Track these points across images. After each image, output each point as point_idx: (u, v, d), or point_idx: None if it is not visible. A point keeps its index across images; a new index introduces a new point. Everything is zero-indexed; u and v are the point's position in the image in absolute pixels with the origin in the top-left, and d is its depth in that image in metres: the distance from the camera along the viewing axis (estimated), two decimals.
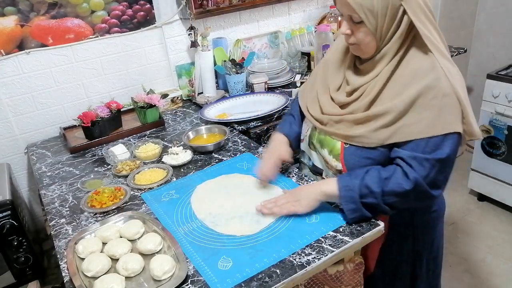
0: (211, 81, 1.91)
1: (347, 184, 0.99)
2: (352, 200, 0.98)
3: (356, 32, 0.96)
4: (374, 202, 0.98)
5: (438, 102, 0.92)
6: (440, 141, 0.93)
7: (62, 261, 1.00)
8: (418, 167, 0.94)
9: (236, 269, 0.92)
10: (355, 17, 0.94)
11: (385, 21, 0.93)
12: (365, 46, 0.98)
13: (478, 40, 2.75)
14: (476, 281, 1.99)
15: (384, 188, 0.96)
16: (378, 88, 0.98)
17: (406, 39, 0.96)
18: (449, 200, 2.57)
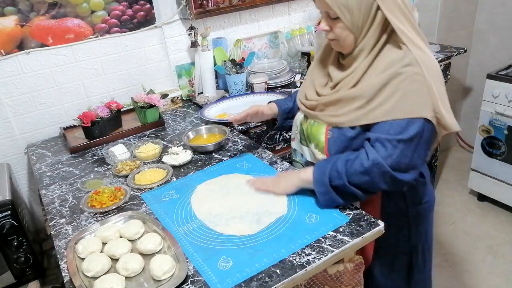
0: (211, 81, 1.91)
1: (320, 168, 1.05)
2: (323, 183, 1.04)
3: (334, 28, 1.02)
4: (341, 183, 1.02)
5: (405, 86, 0.96)
6: (405, 124, 0.96)
7: (62, 261, 1.00)
8: (379, 148, 0.98)
9: (236, 269, 0.92)
10: (332, 13, 0.99)
11: (360, 16, 0.97)
12: (343, 41, 1.02)
13: (478, 40, 2.75)
14: (476, 281, 1.99)
15: (349, 169, 1.01)
16: (356, 79, 1.03)
17: (382, 34, 1.00)
18: (449, 200, 2.58)
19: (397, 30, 0.96)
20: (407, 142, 0.96)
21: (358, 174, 1.00)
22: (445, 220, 2.42)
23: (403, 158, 0.97)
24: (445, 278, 2.03)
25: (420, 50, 0.99)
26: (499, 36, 2.63)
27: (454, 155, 3.06)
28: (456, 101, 2.93)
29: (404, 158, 0.97)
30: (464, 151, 3.06)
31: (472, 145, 2.61)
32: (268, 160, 1.36)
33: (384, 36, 1.00)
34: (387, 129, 0.97)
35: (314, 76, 1.19)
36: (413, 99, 0.96)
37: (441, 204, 2.56)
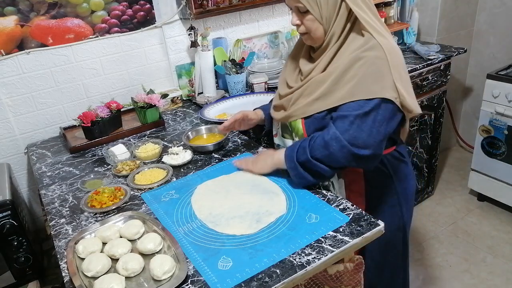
0: (211, 81, 1.91)
1: (290, 147, 1.14)
2: (291, 159, 1.11)
3: (304, 21, 1.08)
4: (305, 159, 1.08)
5: (365, 69, 1.02)
6: (364, 103, 1.02)
7: (62, 261, 1.00)
8: (338, 123, 1.05)
9: (236, 269, 0.92)
10: (301, 7, 1.06)
11: (328, 7, 1.05)
12: (314, 33, 1.09)
13: (478, 40, 2.75)
14: (476, 281, 2.00)
15: (311, 143, 1.08)
16: (323, 66, 1.10)
17: (347, 24, 1.07)
18: (449, 200, 2.58)
19: (360, 19, 1.03)
20: (362, 117, 1.02)
21: (319, 148, 1.06)
22: (445, 220, 2.42)
23: (359, 133, 1.02)
24: (445, 279, 2.03)
25: (383, 37, 1.04)
26: (499, 36, 2.63)
27: (454, 155, 3.06)
28: (456, 101, 2.93)
29: (360, 132, 1.02)
30: (464, 151, 3.06)
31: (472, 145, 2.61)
32: None
33: (348, 25, 1.06)
34: (347, 107, 1.04)
35: (286, 73, 1.25)
36: (373, 80, 1.02)
37: (441, 204, 2.56)
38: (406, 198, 1.25)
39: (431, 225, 2.39)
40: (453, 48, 2.30)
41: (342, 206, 1.09)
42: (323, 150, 1.06)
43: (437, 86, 2.25)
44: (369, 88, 1.02)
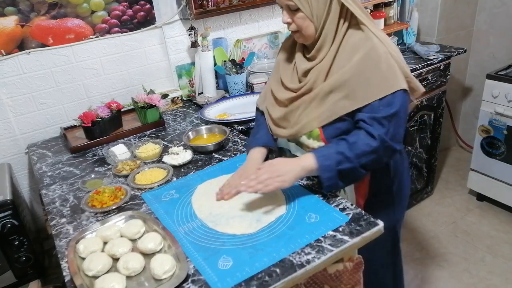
0: (211, 81, 1.92)
1: (323, 155, 1.07)
2: (329, 168, 1.06)
3: (295, 19, 1.09)
4: (350, 166, 1.05)
5: (379, 66, 1.03)
6: (390, 99, 1.04)
7: (63, 261, 1.01)
8: (378, 126, 1.04)
9: (236, 269, 0.92)
10: (291, 5, 1.07)
11: (318, 5, 1.05)
12: (305, 31, 1.09)
13: (478, 40, 2.75)
14: (475, 280, 2.00)
15: (355, 151, 1.05)
16: (327, 66, 1.09)
17: (340, 21, 1.07)
18: (448, 200, 2.58)
19: (356, 14, 1.04)
20: (396, 114, 1.04)
21: (367, 155, 1.05)
22: (444, 220, 2.42)
23: (397, 130, 1.06)
24: (445, 278, 2.03)
25: (379, 30, 1.07)
26: (499, 36, 2.63)
27: (453, 155, 3.07)
28: (456, 101, 2.93)
29: (398, 129, 1.06)
30: (464, 151, 3.06)
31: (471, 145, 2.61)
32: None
33: (346, 23, 1.07)
34: (377, 107, 1.04)
35: (280, 73, 1.22)
36: (390, 75, 1.04)
37: (441, 204, 2.57)
38: (400, 196, 1.26)
39: (431, 225, 2.39)
40: (452, 48, 2.30)
41: (342, 206, 1.09)
42: (370, 155, 1.05)
43: (436, 86, 2.26)
44: (390, 83, 1.03)
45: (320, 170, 1.06)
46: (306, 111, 1.13)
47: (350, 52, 1.06)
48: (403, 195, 1.28)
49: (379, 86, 1.03)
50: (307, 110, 1.13)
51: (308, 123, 1.13)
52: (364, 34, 1.06)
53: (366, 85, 1.04)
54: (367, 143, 1.04)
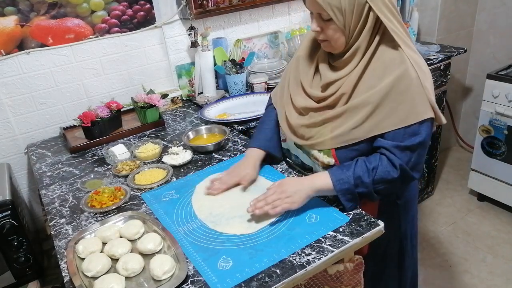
0: (211, 81, 1.91)
1: (341, 178, 1.03)
2: (349, 192, 1.03)
3: (326, 29, 1.01)
4: (365, 191, 1.03)
5: (409, 93, 0.98)
6: (417, 128, 0.99)
7: (62, 261, 1.00)
8: (400, 155, 1.00)
9: (236, 269, 0.92)
10: (324, 15, 0.99)
11: (353, 18, 0.98)
12: (335, 42, 1.02)
13: (478, 40, 2.75)
14: (476, 281, 2.00)
15: (374, 177, 1.01)
16: (354, 81, 1.03)
17: (375, 35, 1.01)
18: (449, 200, 2.58)
19: (390, 31, 0.98)
20: (421, 144, 1.00)
21: (385, 183, 1.02)
22: (445, 220, 2.42)
23: (420, 159, 1.03)
24: (445, 278, 2.03)
25: (412, 51, 1.01)
26: (499, 36, 2.62)
27: (454, 155, 3.06)
28: (456, 101, 2.93)
29: (420, 158, 1.03)
30: (464, 151, 3.06)
31: (472, 145, 2.61)
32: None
33: (377, 37, 1.01)
34: (402, 135, 0.99)
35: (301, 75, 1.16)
36: (419, 102, 0.98)
37: (441, 204, 2.56)
38: (406, 208, 1.22)
39: (431, 225, 2.39)
40: (453, 48, 2.30)
41: (342, 206, 1.09)
42: (388, 184, 1.02)
43: (437, 86, 2.25)
44: (418, 111, 0.98)
45: (339, 194, 1.03)
46: (325, 130, 1.08)
47: (380, 72, 1.00)
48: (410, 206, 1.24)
49: (407, 113, 0.98)
50: (326, 129, 1.07)
51: (324, 142, 1.08)
52: (398, 54, 0.99)
53: (393, 111, 0.99)
54: (387, 171, 1.00)
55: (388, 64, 0.99)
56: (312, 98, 1.12)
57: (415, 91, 0.98)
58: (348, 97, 1.04)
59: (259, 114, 1.65)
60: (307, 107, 1.12)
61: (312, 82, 1.14)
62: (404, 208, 1.22)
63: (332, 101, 1.06)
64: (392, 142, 1.00)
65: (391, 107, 0.99)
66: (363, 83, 1.02)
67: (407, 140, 0.99)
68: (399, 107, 0.98)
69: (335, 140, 1.06)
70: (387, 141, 1.01)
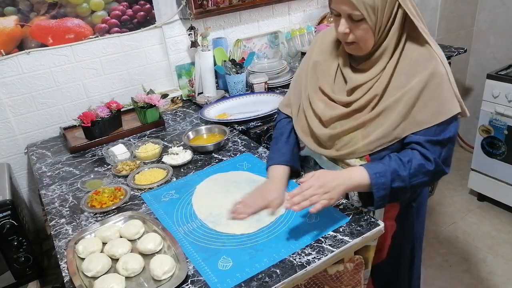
0: (211, 81, 1.91)
1: (378, 171, 0.99)
2: (384, 186, 0.99)
3: (355, 30, 0.96)
4: (402, 186, 1.00)
5: (441, 89, 0.98)
6: (447, 123, 0.99)
7: (62, 261, 1.00)
8: (433, 149, 0.99)
9: (236, 269, 0.92)
10: (356, 15, 0.93)
11: (384, 16, 0.94)
12: (364, 43, 0.98)
13: (478, 40, 2.75)
14: (476, 281, 1.99)
15: (410, 171, 0.99)
16: (385, 82, 1.00)
17: (402, 33, 0.99)
18: (449, 200, 2.58)
19: (419, 28, 0.96)
20: (451, 139, 1.01)
21: (420, 176, 1.00)
22: (445, 220, 2.42)
23: (450, 153, 1.03)
24: (445, 278, 2.03)
25: (437, 47, 1.01)
26: (499, 36, 2.62)
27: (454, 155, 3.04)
28: None
29: (450, 152, 1.03)
30: (464, 151, 3.06)
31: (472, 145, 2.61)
32: None
33: (404, 35, 0.99)
34: (434, 130, 0.99)
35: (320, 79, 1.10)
36: (450, 99, 0.99)
37: (441, 204, 2.56)
38: (418, 210, 1.21)
39: (431, 225, 2.38)
40: (453, 48, 2.30)
41: (342, 206, 1.09)
42: (423, 177, 1.00)
43: None
44: (449, 107, 0.98)
45: (374, 188, 0.98)
46: (356, 136, 1.03)
47: (410, 69, 0.98)
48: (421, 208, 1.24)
49: (439, 110, 0.97)
50: (359, 135, 1.03)
51: (358, 149, 1.03)
52: (426, 51, 0.98)
53: (427, 108, 0.97)
54: (422, 165, 0.99)
55: (417, 61, 0.98)
56: (338, 103, 1.07)
57: (445, 88, 0.98)
58: (379, 98, 1.01)
59: (259, 114, 1.65)
60: (332, 117, 1.06)
61: (334, 87, 1.08)
62: (417, 211, 1.21)
63: (362, 104, 1.02)
64: (424, 137, 0.99)
65: (425, 104, 0.98)
66: (393, 83, 1.00)
67: (438, 135, 0.99)
68: (433, 104, 0.97)
69: (371, 146, 1.02)
70: (419, 136, 0.99)
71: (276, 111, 1.32)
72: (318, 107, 1.09)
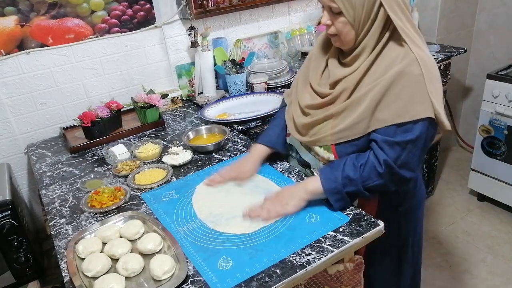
0: (211, 81, 1.91)
1: (329, 177, 1.05)
2: (336, 191, 1.04)
3: (336, 22, 1.01)
4: (354, 190, 1.03)
5: (410, 88, 0.96)
6: (410, 126, 0.98)
7: (62, 261, 1.00)
8: (388, 150, 0.99)
9: (236, 269, 0.92)
10: (334, 8, 0.99)
11: (363, 12, 0.98)
12: (344, 36, 1.02)
13: (478, 40, 2.75)
14: (476, 281, 1.99)
15: (362, 173, 1.02)
16: (357, 78, 1.03)
17: (383, 33, 1.00)
18: (449, 200, 2.58)
19: (398, 28, 0.97)
20: (414, 142, 0.98)
21: (374, 179, 1.02)
22: (445, 220, 2.42)
23: (411, 158, 1.00)
24: (445, 278, 2.03)
25: (420, 50, 0.99)
26: (499, 36, 2.63)
27: (454, 155, 3.06)
28: (456, 101, 2.93)
29: (412, 157, 1.00)
30: (464, 151, 3.06)
31: (472, 145, 2.61)
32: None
33: (387, 34, 1.00)
34: (394, 131, 0.98)
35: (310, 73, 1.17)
36: (418, 100, 0.97)
37: (441, 204, 2.56)
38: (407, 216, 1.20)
39: (431, 225, 2.39)
40: (453, 48, 2.30)
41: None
42: (376, 179, 1.01)
43: None
44: (415, 109, 0.96)
45: (327, 193, 1.05)
46: (326, 126, 1.08)
47: (384, 68, 0.99)
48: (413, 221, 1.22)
49: (402, 110, 0.97)
50: (327, 125, 1.08)
51: (324, 138, 1.08)
52: (404, 51, 0.98)
53: (390, 107, 0.98)
54: (373, 167, 1.00)
55: (392, 60, 0.99)
56: (320, 95, 1.12)
57: (416, 89, 0.96)
58: (350, 93, 1.04)
59: (259, 114, 1.65)
60: (309, 105, 1.13)
61: (320, 80, 1.14)
62: (406, 216, 1.19)
63: (334, 96, 1.07)
64: (382, 137, 1.00)
65: (389, 102, 0.98)
66: (366, 80, 1.02)
67: (397, 136, 0.98)
68: (397, 103, 0.97)
69: (335, 136, 1.06)
70: (378, 135, 1.00)
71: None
72: (303, 97, 1.16)
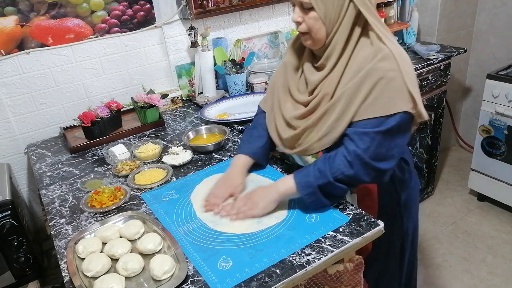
0: (211, 81, 1.91)
1: (302, 172, 1.05)
2: (308, 185, 1.03)
3: (307, 19, 1.00)
4: (326, 182, 1.02)
5: (382, 83, 0.96)
6: (384, 119, 0.98)
7: (62, 261, 1.00)
8: (357, 141, 0.99)
9: (236, 269, 0.92)
10: (305, 3, 0.98)
11: (333, 7, 0.97)
12: (315, 33, 1.01)
13: (478, 40, 2.75)
14: (476, 281, 2.00)
15: (331, 164, 1.02)
16: (336, 82, 1.02)
17: (354, 29, 1.00)
18: (449, 200, 2.58)
19: (371, 23, 0.97)
20: (384, 133, 0.98)
21: (344, 169, 1.00)
22: (445, 220, 2.42)
23: (381, 149, 0.99)
24: (445, 278, 2.03)
25: (394, 45, 0.99)
26: (499, 36, 2.62)
27: (454, 155, 3.06)
28: (456, 101, 2.93)
29: (382, 148, 0.99)
30: (464, 151, 3.06)
31: (472, 145, 2.61)
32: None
33: (358, 30, 1.00)
34: (365, 123, 0.99)
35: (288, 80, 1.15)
36: (391, 95, 0.97)
37: (441, 204, 2.56)
38: (407, 207, 1.22)
39: (431, 225, 2.39)
40: (453, 48, 2.30)
41: (342, 206, 1.09)
42: (346, 170, 1.00)
43: (437, 86, 2.25)
44: (388, 103, 0.96)
45: (299, 188, 1.04)
46: (311, 134, 1.08)
47: (358, 67, 0.99)
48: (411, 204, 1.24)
49: (376, 105, 0.97)
50: (312, 134, 1.07)
51: (311, 147, 1.08)
52: (377, 46, 0.98)
53: (363, 101, 0.98)
54: (343, 158, 1.00)
55: (366, 57, 0.99)
56: (300, 103, 1.11)
57: (388, 84, 0.96)
58: (330, 98, 1.03)
59: None
60: (293, 116, 1.11)
61: (299, 87, 1.13)
62: (405, 207, 1.22)
63: (316, 104, 1.06)
64: (353, 129, 1.00)
65: (361, 98, 0.98)
66: (342, 81, 1.02)
67: (367, 127, 0.98)
68: (368, 98, 0.97)
69: (320, 143, 1.06)
70: (350, 128, 1.01)
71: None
72: (287, 108, 1.14)
